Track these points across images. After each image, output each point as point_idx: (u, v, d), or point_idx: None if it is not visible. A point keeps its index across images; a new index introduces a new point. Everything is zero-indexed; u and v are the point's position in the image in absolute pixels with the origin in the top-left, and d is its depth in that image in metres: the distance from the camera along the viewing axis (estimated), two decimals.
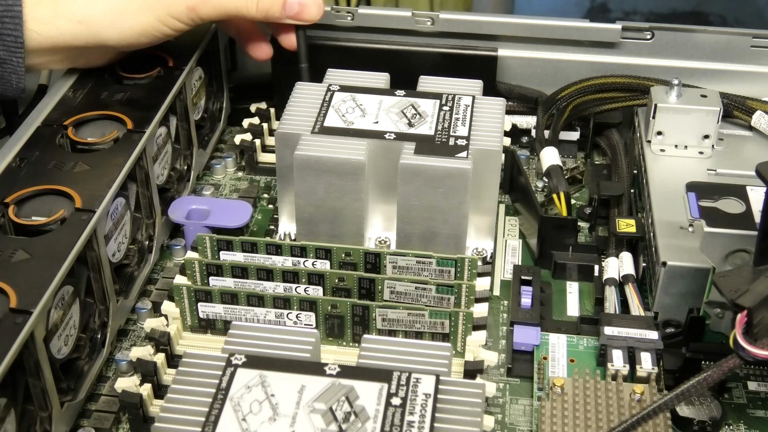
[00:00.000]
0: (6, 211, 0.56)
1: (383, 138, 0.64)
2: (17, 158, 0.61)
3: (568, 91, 0.76)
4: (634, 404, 0.54)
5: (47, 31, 0.63)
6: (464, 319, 0.58)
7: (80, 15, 0.64)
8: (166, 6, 0.65)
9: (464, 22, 0.78)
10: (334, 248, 0.61)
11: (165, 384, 0.56)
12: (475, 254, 0.66)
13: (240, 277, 0.60)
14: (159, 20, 0.65)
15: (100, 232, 0.57)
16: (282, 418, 0.47)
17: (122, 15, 0.65)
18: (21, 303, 0.49)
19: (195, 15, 0.66)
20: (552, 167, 0.70)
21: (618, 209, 0.69)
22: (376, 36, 0.79)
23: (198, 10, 0.66)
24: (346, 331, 0.59)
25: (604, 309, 0.63)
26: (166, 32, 0.67)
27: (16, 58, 0.63)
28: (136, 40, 0.66)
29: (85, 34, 0.64)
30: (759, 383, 0.59)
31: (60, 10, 0.63)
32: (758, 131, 0.71)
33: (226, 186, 0.77)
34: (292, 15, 0.70)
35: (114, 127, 0.64)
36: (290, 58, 0.74)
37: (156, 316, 0.61)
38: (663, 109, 0.68)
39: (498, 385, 0.59)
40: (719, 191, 0.60)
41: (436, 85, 0.70)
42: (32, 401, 0.51)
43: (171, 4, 0.65)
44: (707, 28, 0.77)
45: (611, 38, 0.77)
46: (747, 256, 0.55)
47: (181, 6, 0.66)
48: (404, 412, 0.47)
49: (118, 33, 0.65)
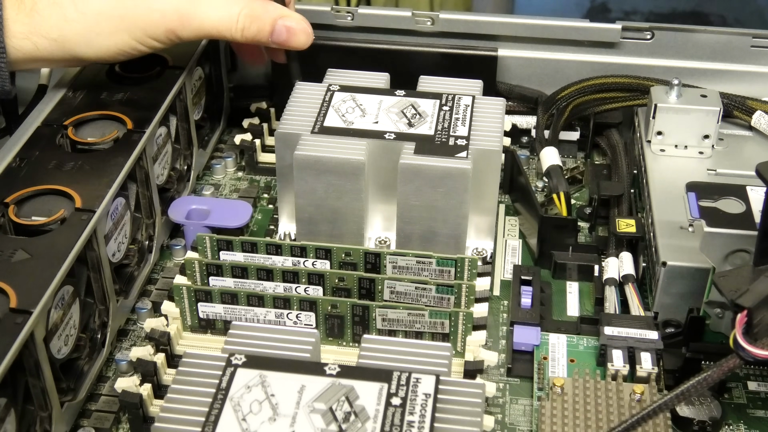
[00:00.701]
0: (6, 211, 0.56)
1: (383, 138, 0.64)
2: (17, 158, 0.61)
3: (568, 91, 0.76)
4: (634, 404, 0.54)
5: (24, 46, 0.62)
6: (464, 319, 0.58)
7: (55, 34, 0.63)
8: (143, 28, 0.64)
9: (464, 22, 0.78)
10: (334, 248, 0.61)
11: (165, 384, 0.56)
12: (475, 254, 0.66)
13: (240, 277, 0.60)
14: (136, 40, 0.64)
15: (100, 232, 0.57)
16: (282, 418, 0.47)
17: (97, 35, 0.63)
18: (21, 303, 0.49)
19: (174, 36, 0.65)
20: (552, 167, 0.70)
21: (618, 209, 0.69)
22: (376, 36, 0.79)
23: (177, 33, 0.65)
24: (346, 331, 0.59)
25: (604, 309, 0.63)
26: (143, 50, 0.65)
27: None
28: (113, 58, 0.65)
29: (59, 51, 0.63)
30: (759, 383, 0.59)
31: (35, 27, 0.62)
32: (758, 131, 0.71)
33: (226, 186, 0.77)
34: (280, 42, 0.68)
35: (114, 127, 0.64)
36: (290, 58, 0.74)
37: (156, 316, 0.61)
38: (663, 109, 0.68)
39: (498, 385, 0.59)
40: (719, 191, 0.60)
41: (436, 85, 0.70)
42: (32, 401, 0.51)
43: (149, 26, 0.64)
44: (707, 28, 0.77)
45: (611, 38, 0.77)
46: (747, 256, 0.55)
47: (160, 28, 0.64)
48: (404, 412, 0.47)
49: (94, 52, 0.64)
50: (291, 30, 0.67)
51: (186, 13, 0.64)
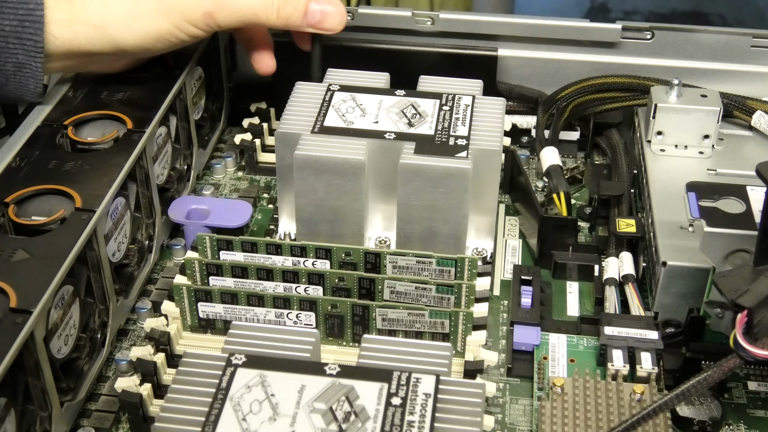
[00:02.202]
0: (6, 210, 0.56)
1: (383, 138, 0.64)
2: (17, 158, 0.61)
3: (568, 91, 0.76)
4: (634, 404, 0.54)
5: (63, 34, 0.62)
6: (464, 319, 0.58)
7: (95, 19, 0.63)
8: (181, 11, 0.64)
9: (464, 21, 0.78)
10: (334, 248, 0.61)
11: (165, 384, 0.56)
12: (475, 254, 0.66)
13: (240, 277, 0.60)
14: (175, 25, 0.64)
15: (100, 231, 0.57)
16: (282, 418, 0.47)
17: (137, 19, 0.64)
18: (21, 303, 0.49)
19: (212, 21, 0.65)
20: (552, 167, 0.70)
21: (618, 209, 0.69)
22: (376, 36, 0.79)
23: (214, 16, 0.65)
24: (346, 331, 0.59)
25: (604, 309, 0.63)
26: (182, 38, 0.65)
27: (35, 63, 0.62)
28: (152, 46, 0.65)
29: (99, 38, 0.63)
30: (759, 383, 0.59)
31: (76, 13, 0.63)
32: (758, 131, 0.71)
33: (226, 186, 0.77)
34: (314, 24, 0.68)
35: (114, 127, 0.64)
36: (290, 58, 0.74)
37: (156, 315, 0.61)
38: (663, 109, 0.68)
39: (498, 385, 0.59)
40: (719, 191, 0.60)
41: (436, 85, 0.70)
42: (32, 401, 0.51)
43: (186, 10, 0.64)
44: (707, 28, 0.77)
45: (611, 38, 0.77)
46: (747, 256, 0.55)
47: (197, 12, 0.64)
48: (404, 412, 0.47)
49: (133, 38, 0.64)
50: (324, 12, 0.68)
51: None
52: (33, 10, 0.61)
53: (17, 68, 0.62)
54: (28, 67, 0.63)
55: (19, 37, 0.61)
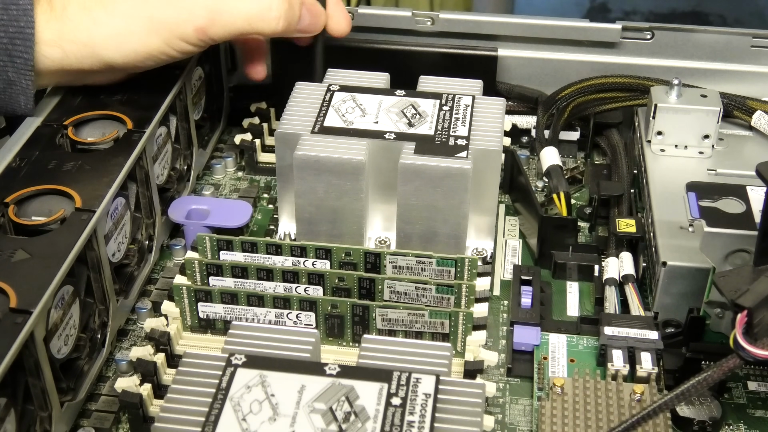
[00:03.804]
0: (6, 210, 0.56)
1: (383, 138, 0.64)
2: (17, 158, 0.61)
3: (568, 91, 0.76)
4: (634, 404, 0.54)
5: (53, 54, 0.61)
6: (464, 319, 0.58)
7: (84, 37, 0.62)
8: (172, 28, 0.62)
9: (464, 22, 0.78)
10: (334, 248, 0.61)
11: (165, 384, 0.56)
12: (475, 254, 0.66)
13: (240, 277, 0.60)
14: (166, 43, 0.63)
15: (100, 231, 0.57)
16: (282, 418, 0.47)
17: (127, 38, 0.62)
18: (21, 303, 0.49)
19: (205, 36, 0.63)
20: (552, 167, 0.70)
21: (618, 209, 0.69)
22: (376, 36, 0.79)
23: (207, 31, 0.63)
24: (346, 331, 0.59)
25: (604, 309, 0.63)
26: (174, 55, 0.64)
27: (25, 80, 0.62)
28: (142, 63, 0.64)
29: (89, 56, 0.62)
30: (759, 383, 0.59)
31: (65, 32, 0.62)
32: (758, 131, 0.71)
33: (226, 186, 0.77)
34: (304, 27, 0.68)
35: (114, 127, 0.64)
36: (290, 58, 0.74)
37: (156, 316, 0.61)
38: (663, 109, 0.68)
39: (498, 385, 0.59)
40: (719, 191, 0.60)
41: (436, 85, 0.70)
42: (32, 401, 0.51)
43: (178, 27, 0.62)
44: (707, 28, 0.77)
45: (611, 38, 0.77)
46: (747, 256, 0.55)
47: (189, 28, 0.63)
48: (404, 412, 0.47)
49: (122, 56, 0.63)
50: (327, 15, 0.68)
51: (215, 8, 0.63)
52: (24, 28, 0.60)
53: (7, 85, 0.62)
54: (18, 84, 0.62)
55: (10, 54, 0.60)
